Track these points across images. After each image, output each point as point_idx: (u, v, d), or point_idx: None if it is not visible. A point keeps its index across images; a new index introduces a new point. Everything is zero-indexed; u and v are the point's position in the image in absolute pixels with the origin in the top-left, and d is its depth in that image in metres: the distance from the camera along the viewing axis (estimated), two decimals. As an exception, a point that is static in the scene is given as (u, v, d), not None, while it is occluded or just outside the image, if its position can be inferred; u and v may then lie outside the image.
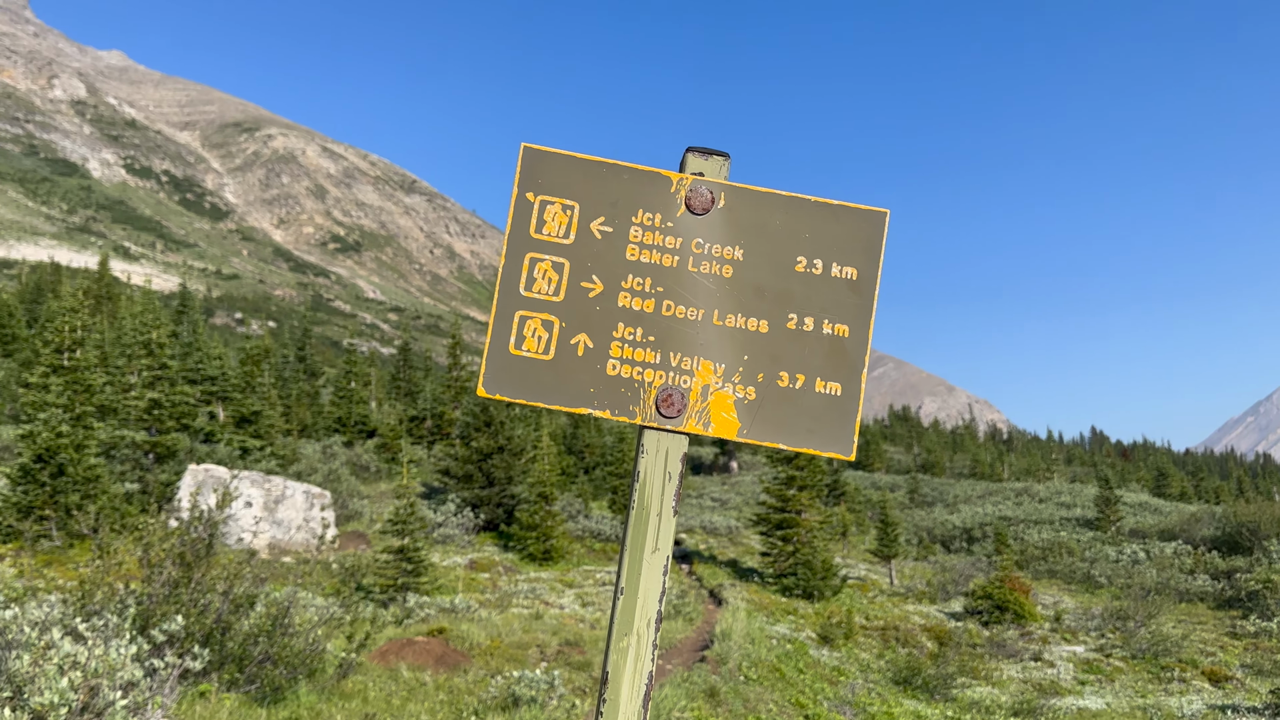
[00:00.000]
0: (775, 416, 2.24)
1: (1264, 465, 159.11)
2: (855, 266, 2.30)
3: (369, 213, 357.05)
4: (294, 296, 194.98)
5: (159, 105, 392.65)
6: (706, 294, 2.27)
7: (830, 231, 2.30)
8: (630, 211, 2.29)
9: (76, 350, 21.58)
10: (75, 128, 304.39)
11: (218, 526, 9.31)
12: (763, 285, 2.28)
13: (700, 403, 2.23)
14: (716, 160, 2.33)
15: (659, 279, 2.27)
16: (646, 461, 2.20)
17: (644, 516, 2.17)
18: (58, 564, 16.57)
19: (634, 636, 2.12)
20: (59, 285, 58.02)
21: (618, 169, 2.30)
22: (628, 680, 2.11)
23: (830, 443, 2.24)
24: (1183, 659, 18.55)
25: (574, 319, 2.25)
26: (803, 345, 2.27)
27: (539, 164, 2.30)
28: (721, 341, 2.25)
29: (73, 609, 8.25)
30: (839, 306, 2.29)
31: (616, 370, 2.23)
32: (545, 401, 2.21)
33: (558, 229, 2.28)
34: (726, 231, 2.29)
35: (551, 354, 2.23)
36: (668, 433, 2.22)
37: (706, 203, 2.28)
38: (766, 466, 45.45)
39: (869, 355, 2.28)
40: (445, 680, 10.41)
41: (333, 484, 27.14)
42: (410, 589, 16.21)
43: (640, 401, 2.22)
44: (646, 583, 2.15)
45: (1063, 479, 65.94)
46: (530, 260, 2.27)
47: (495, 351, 2.23)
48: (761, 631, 16.51)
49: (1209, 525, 33.69)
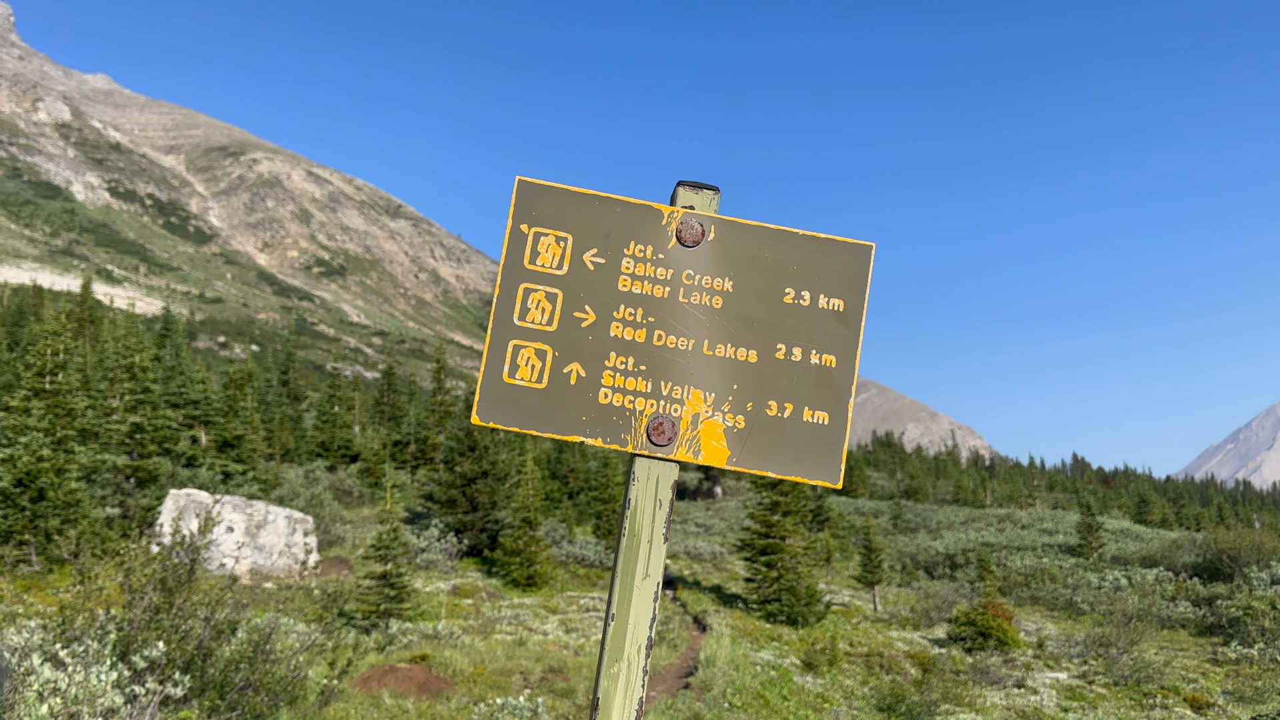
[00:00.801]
0: (764, 445, 2.27)
1: (1244, 492, 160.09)
2: (842, 298, 2.35)
3: (354, 237, 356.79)
4: (278, 320, 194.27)
5: (144, 129, 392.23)
6: (697, 324, 2.31)
7: (818, 264, 2.36)
8: (622, 243, 2.33)
9: (58, 374, 21.46)
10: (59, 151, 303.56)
11: (199, 552, 9.26)
12: (752, 316, 2.32)
13: (690, 431, 2.26)
14: (707, 194, 2.38)
15: (650, 309, 2.31)
16: (638, 489, 2.23)
17: (635, 543, 2.20)
18: (37, 589, 16.40)
19: (624, 663, 2.14)
20: (41, 308, 57.66)
21: (610, 202, 2.35)
22: (618, 707, 2.13)
23: (818, 471, 2.28)
24: (1165, 686, 18.59)
25: (567, 348, 2.29)
26: (791, 375, 2.31)
27: (533, 197, 2.35)
28: (711, 371, 2.29)
29: (53, 635, 8.18)
30: (826, 337, 2.33)
31: (608, 399, 2.27)
32: (538, 429, 2.25)
33: (551, 260, 2.33)
34: (716, 263, 2.34)
35: (545, 383, 2.27)
36: (658, 460, 2.25)
37: (697, 235, 2.33)
38: (751, 492, 45.47)
39: (855, 385, 2.33)
40: (428, 708, 10.35)
41: (315, 509, 26.98)
42: (393, 615, 16.11)
43: (631, 430, 2.25)
44: (637, 609, 2.17)
45: (1045, 505, 66.16)
46: (524, 290, 2.31)
47: (489, 380, 2.27)
48: (745, 658, 16.48)
49: (1190, 552, 33.85)
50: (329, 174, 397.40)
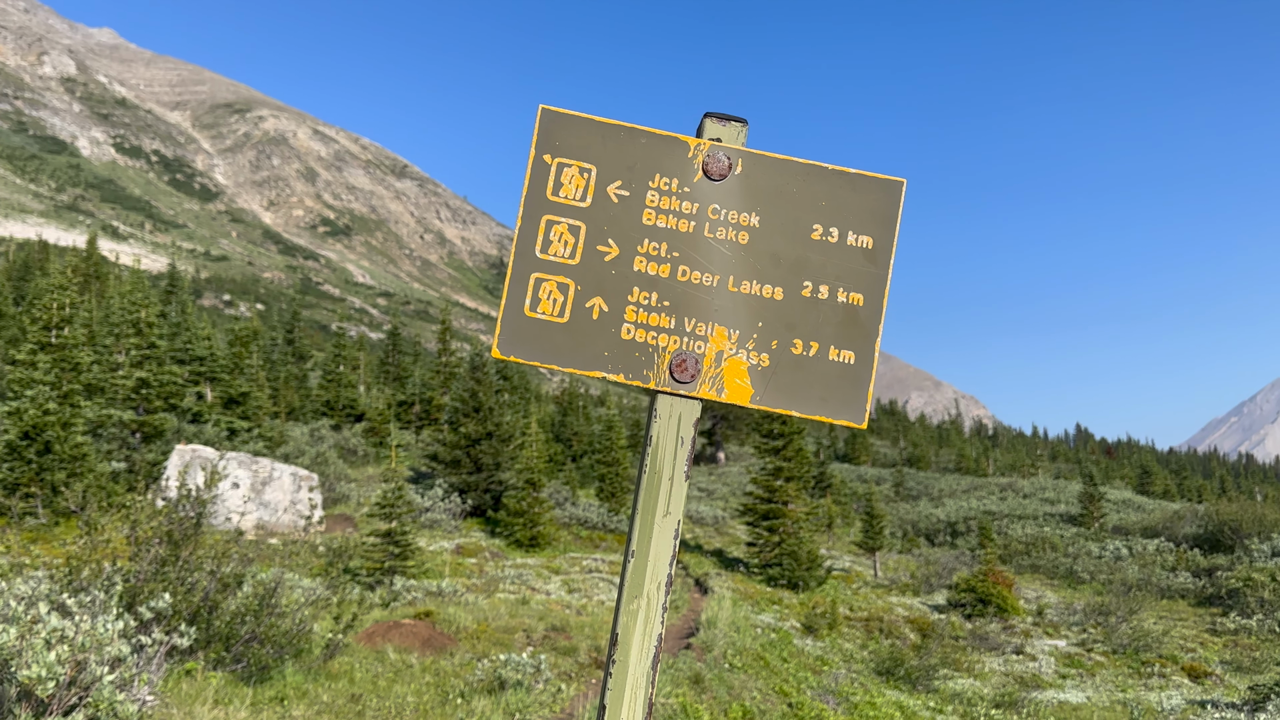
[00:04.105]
0: (788, 384, 2.24)
1: (1246, 465, 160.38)
2: (871, 235, 2.30)
3: (359, 196, 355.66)
4: (283, 279, 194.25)
5: (149, 84, 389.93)
6: (722, 260, 2.27)
7: (847, 200, 2.31)
8: (647, 176, 2.29)
9: (64, 328, 21.47)
10: (65, 105, 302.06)
11: (206, 506, 9.31)
12: (778, 252, 2.28)
13: (714, 369, 2.23)
14: (734, 126, 2.33)
15: (675, 244, 2.27)
16: (659, 426, 2.21)
17: (656, 481, 2.18)
18: (43, 541, 16.52)
19: (644, 599, 2.14)
20: (47, 263, 57.65)
21: (635, 133, 2.30)
22: (637, 642, 2.13)
23: (842, 410, 2.25)
24: (1163, 655, 18.71)
25: (589, 282, 2.25)
26: (817, 313, 2.27)
27: (557, 126, 2.29)
28: (736, 308, 2.26)
29: (59, 585, 8.24)
30: (854, 275, 2.29)
31: (631, 334, 2.24)
32: (559, 364, 2.22)
33: (575, 192, 2.28)
34: (743, 198, 2.29)
35: (566, 317, 2.24)
36: (681, 398, 2.23)
37: (724, 168, 2.28)
38: (754, 457, 45.55)
39: (883, 324, 2.28)
40: (432, 662, 10.43)
41: (320, 467, 27.08)
42: (397, 572, 16.22)
43: (654, 366, 2.23)
44: (657, 546, 2.16)
45: (1047, 475, 66.28)
46: (547, 222, 2.27)
47: (510, 313, 2.23)
48: (746, 620, 16.58)
49: (1191, 523, 33.95)
50: (335, 132, 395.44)
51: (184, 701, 7.62)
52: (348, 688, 8.98)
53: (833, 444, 74.62)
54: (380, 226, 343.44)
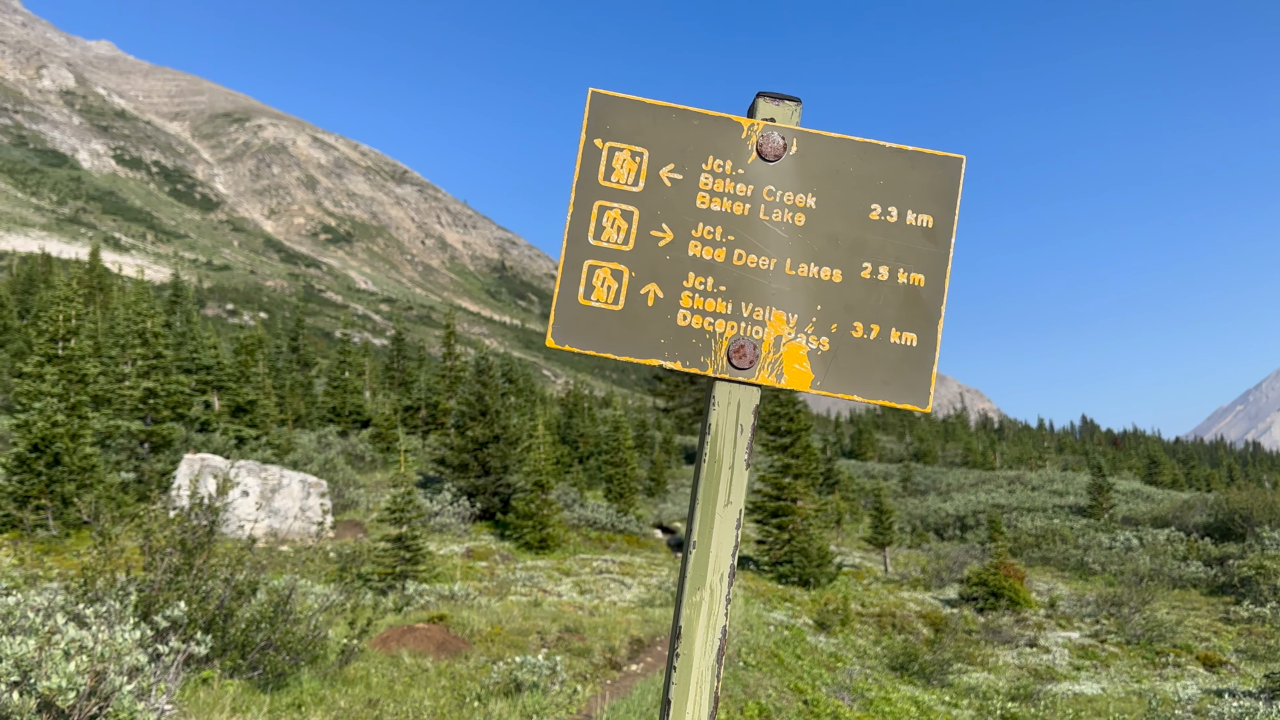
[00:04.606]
0: (849, 368, 2.21)
1: (1253, 453, 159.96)
2: (931, 214, 2.26)
3: (360, 203, 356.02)
4: (285, 287, 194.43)
5: (148, 95, 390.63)
6: (779, 242, 2.23)
7: (905, 178, 2.27)
8: (700, 158, 2.25)
9: (71, 339, 21.49)
10: (64, 118, 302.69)
11: (219, 513, 9.30)
12: (836, 233, 2.24)
13: (773, 354, 2.20)
14: (788, 105, 2.28)
15: (730, 227, 2.23)
16: (718, 414, 2.18)
17: (716, 470, 2.15)
18: (55, 553, 16.54)
19: (707, 590, 2.11)
20: (50, 276, 57.77)
21: (687, 114, 2.26)
22: (701, 635, 2.10)
23: (905, 394, 2.22)
24: (1177, 644, 18.66)
25: (644, 268, 2.22)
26: (877, 295, 2.23)
27: (607, 110, 2.26)
28: (794, 291, 2.22)
29: (75, 595, 8.23)
30: (914, 255, 2.25)
31: (687, 321, 2.20)
32: (615, 352, 2.19)
33: (626, 176, 2.24)
34: (799, 178, 2.25)
35: (621, 304, 2.21)
36: (740, 384, 2.19)
37: (778, 149, 2.24)
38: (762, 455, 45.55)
39: (945, 305, 2.25)
40: (447, 666, 10.42)
41: (329, 473, 27.09)
42: (409, 577, 16.21)
43: (711, 352, 2.19)
44: (719, 536, 2.13)
45: (1055, 467, 66.20)
46: (599, 208, 2.23)
47: (564, 301, 2.20)
48: (759, 618, 16.56)
49: (1202, 512, 33.87)
50: (334, 139, 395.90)
51: (202, 710, 7.61)
52: (364, 693, 8.97)
53: (839, 440, 74.52)
54: (381, 233, 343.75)
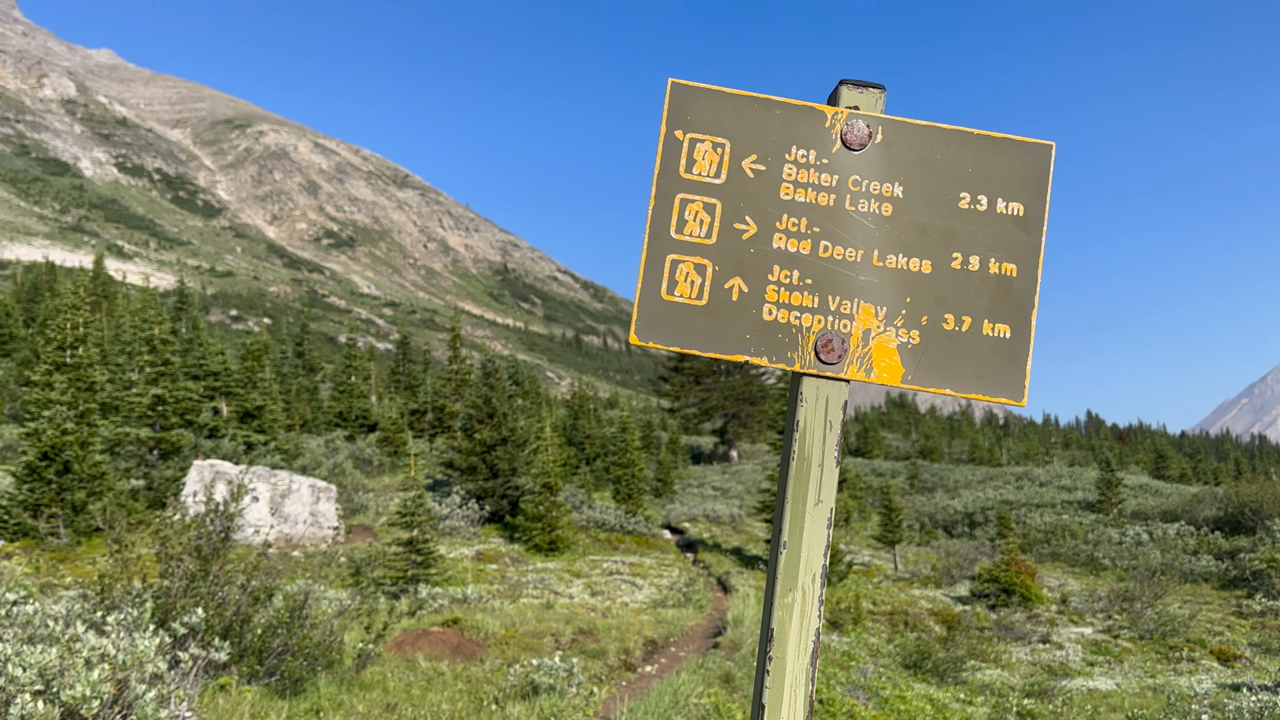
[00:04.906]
0: (941, 361, 2.16)
1: (1260, 446, 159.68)
2: (1021, 202, 2.22)
3: (362, 208, 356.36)
4: (289, 293, 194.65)
5: (149, 103, 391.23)
6: (865, 234, 2.19)
7: (994, 166, 2.22)
8: (783, 148, 2.20)
9: (79, 347, 21.52)
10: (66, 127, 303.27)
11: (233, 519, 9.30)
12: (924, 223, 2.20)
13: (861, 348, 2.16)
14: (872, 93, 2.24)
15: (815, 219, 2.19)
16: (805, 411, 2.14)
17: (805, 468, 2.12)
18: (68, 561, 16.55)
19: (799, 592, 2.08)
20: (55, 284, 57.87)
21: (769, 104, 2.22)
22: (794, 637, 2.07)
23: (999, 388, 2.17)
24: (1190, 639, 18.61)
25: (727, 262, 2.17)
26: (969, 286, 2.19)
27: (688, 100, 2.21)
28: (883, 283, 2.18)
29: (91, 603, 8.23)
30: (1006, 244, 2.21)
31: (773, 315, 2.16)
32: (700, 349, 2.14)
33: (708, 168, 2.20)
34: (885, 167, 2.20)
35: (705, 299, 2.16)
36: (828, 380, 2.15)
37: (863, 137, 2.20)
38: (769, 454, 45.54)
39: (1038, 296, 2.20)
40: (462, 670, 10.42)
41: (337, 478, 27.10)
42: (421, 580, 16.21)
43: (798, 347, 2.15)
44: (810, 536, 2.10)
45: (1062, 463, 66.07)
46: (680, 201, 2.19)
47: (646, 297, 2.16)
48: (772, 618, 16.54)
49: (1211, 506, 33.77)
50: (335, 145, 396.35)
51: (221, 717, 7.61)
52: (382, 697, 8.96)
53: (845, 438, 74.37)
54: (384, 237, 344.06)
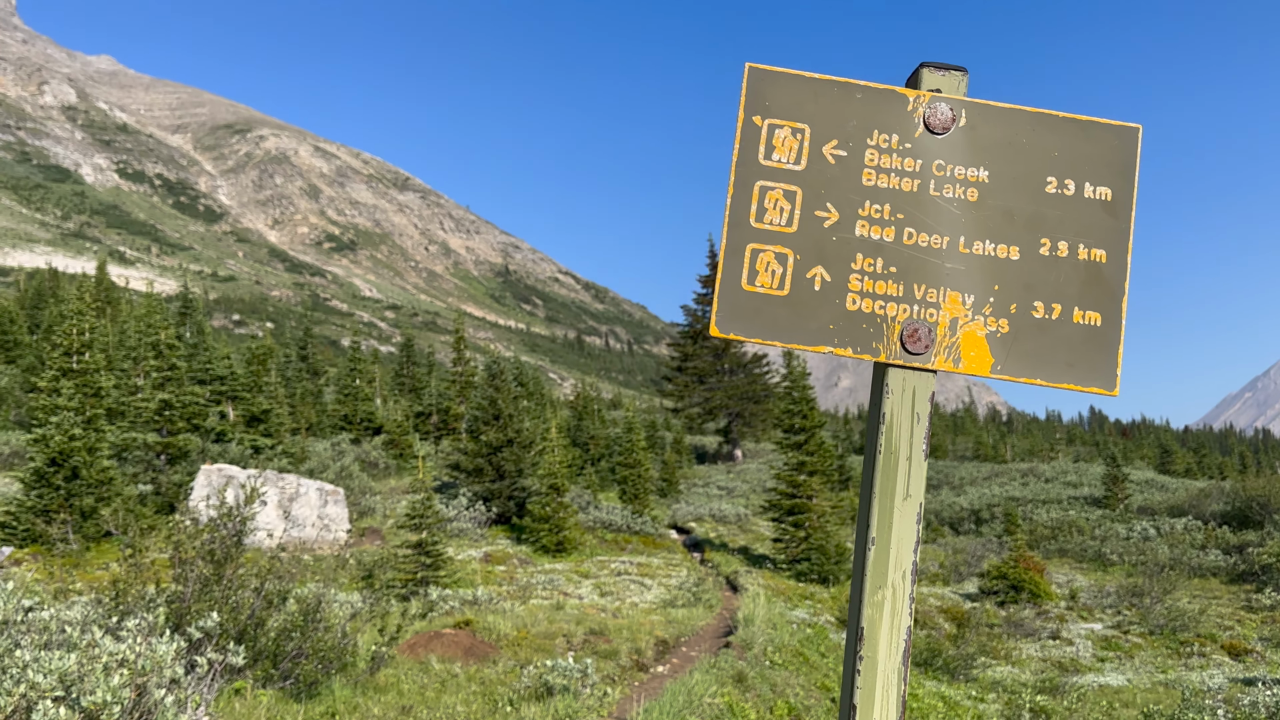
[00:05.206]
0: (1031, 350, 2.12)
1: (1264, 440, 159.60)
2: (1109, 187, 2.17)
3: (363, 211, 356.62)
4: (291, 297, 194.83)
5: (150, 109, 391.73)
6: (951, 220, 2.14)
7: (1081, 149, 2.18)
8: (865, 133, 2.16)
9: (85, 353, 21.53)
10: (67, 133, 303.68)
11: (246, 523, 9.30)
12: (1011, 209, 2.15)
13: (949, 337, 2.11)
14: (955, 75, 2.19)
15: (899, 205, 2.14)
16: (892, 403, 2.10)
17: (892, 461, 2.07)
18: (79, 567, 16.56)
19: (889, 589, 2.04)
20: (59, 290, 57.95)
21: (849, 87, 2.17)
22: (885, 635, 2.03)
23: (1091, 377, 2.12)
24: (1201, 634, 18.58)
25: (809, 251, 2.13)
26: (1058, 272, 2.14)
27: (766, 85, 2.16)
28: (970, 270, 2.13)
29: (106, 609, 8.23)
30: (1094, 230, 2.16)
31: (857, 305, 2.11)
32: (781, 340, 2.10)
33: (788, 154, 2.15)
34: (969, 152, 2.16)
35: (787, 289, 2.11)
36: (914, 370, 2.11)
37: (947, 121, 2.15)
38: (775, 453, 45.51)
39: (1129, 282, 2.16)
40: (476, 671, 10.41)
41: (345, 481, 27.10)
42: (430, 582, 16.21)
43: (883, 338, 2.10)
44: (899, 532, 2.06)
45: (1067, 459, 66.00)
46: (760, 189, 2.14)
47: (727, 288, 2.11)
48: (781, 617, 16.52)
49: (1218, 500, 33.72)
50: (336, 148, 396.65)
51: (238, 720, 7.61)
52: (397, 700, 8.96)
53: (848, 436, 74.39)
54: (385, 240, 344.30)
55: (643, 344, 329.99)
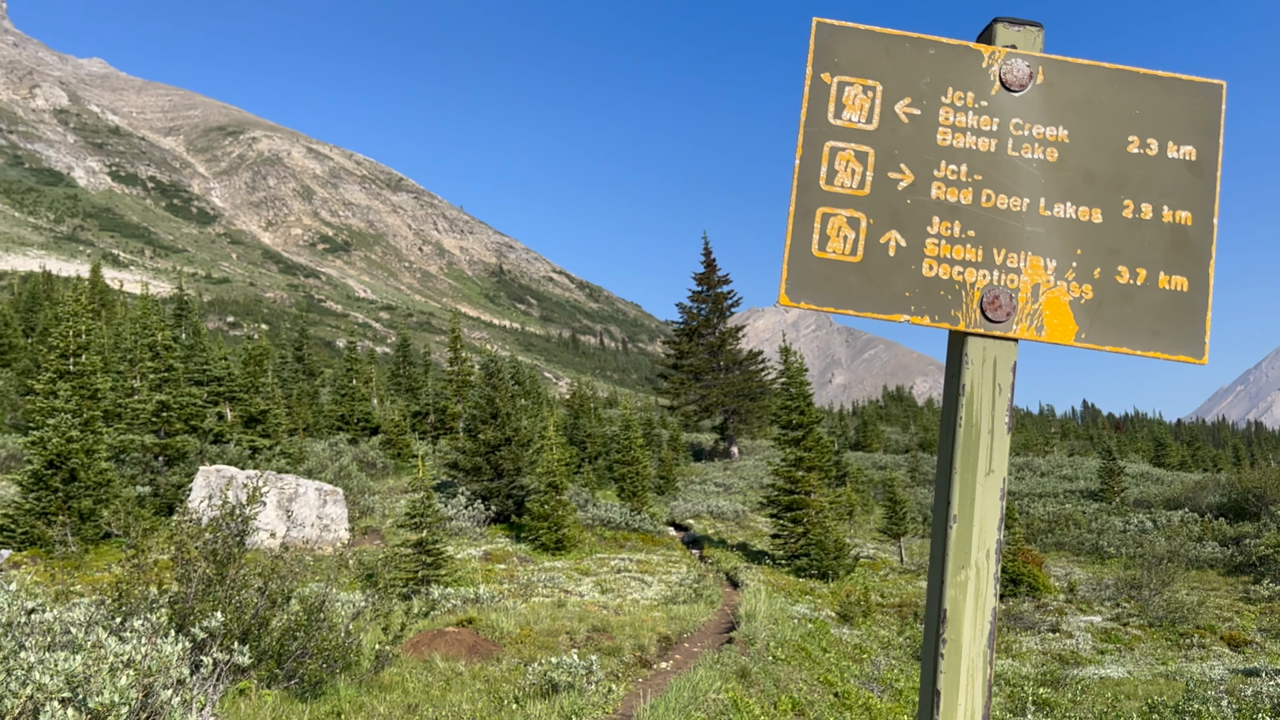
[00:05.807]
0: (1116, 317, 2.02)
1: (1256, 432, 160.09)
2: (1193, 145, 2.09)
3: (356, 212, 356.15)
4: (285, 298, 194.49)
5: (142, 111, 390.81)
6: (1030, 180, 2.05)
7: (1163, 107, 2.09)
8: (939, 90, 2.07)
9: (81, 355, 21.48)
10: (59, 137, 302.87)
11: (249, 523, 9.28)
12: (1092, 169, 2.06)
13: (1031, 304, 2.02)
14: (1030, 30, 2.11)
15: (976, 165, 2.05)
16: (972, 373, 2.00)
17: (974, 435, 1.98)
18: (79, 569, 16.52)
19: (973, 569, 1.96)
20: (53, 293, 57.80)
21: (921, 43, 2.09)
22: (969, 617, 1.95)
23: (1179, 345, 2.03)
24: (1200, 625, 18.63)
25: (882, 214, 2.03)
26: (1142, 235, 2.05)
27: (835, 40, 2.08)
28: (1051, 234, 2.04)
29: (109, 610, 8.21)
30: (1179, 191, 2.07)
31: (934, 271, 2.02)
32: (854, 309, 2.00)
33: (859, 113, 2.06)
34: (1048, 110, 2.07)
35: (859, 255, 2.02)
36: (995, 339, 2.02)
37: (1024, 78, 2.07)
38: (772, 449, 45.52)
39: (1215, 245, 2.07)
40: (480, 669, 10.41)
41: (343, 481, 27.07)
42: (431, 581, 16.20)
43: (962, 305, 2.01)
44: (983, 508, 1.97)
45: (1061, 453, 66.15)
46: (830, 149, 2.05)
47: (796, 255, 2.01)
48: (783, 612, 16.54)
49: (1214, 493, 33.83)
50: (329, 150, 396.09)
51: (244, 720, 7.59)
52: (402, 699, 8.95)
53: (844, 432, 74.49)
54: (379, 241, 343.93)
55: (637, 342, 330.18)
